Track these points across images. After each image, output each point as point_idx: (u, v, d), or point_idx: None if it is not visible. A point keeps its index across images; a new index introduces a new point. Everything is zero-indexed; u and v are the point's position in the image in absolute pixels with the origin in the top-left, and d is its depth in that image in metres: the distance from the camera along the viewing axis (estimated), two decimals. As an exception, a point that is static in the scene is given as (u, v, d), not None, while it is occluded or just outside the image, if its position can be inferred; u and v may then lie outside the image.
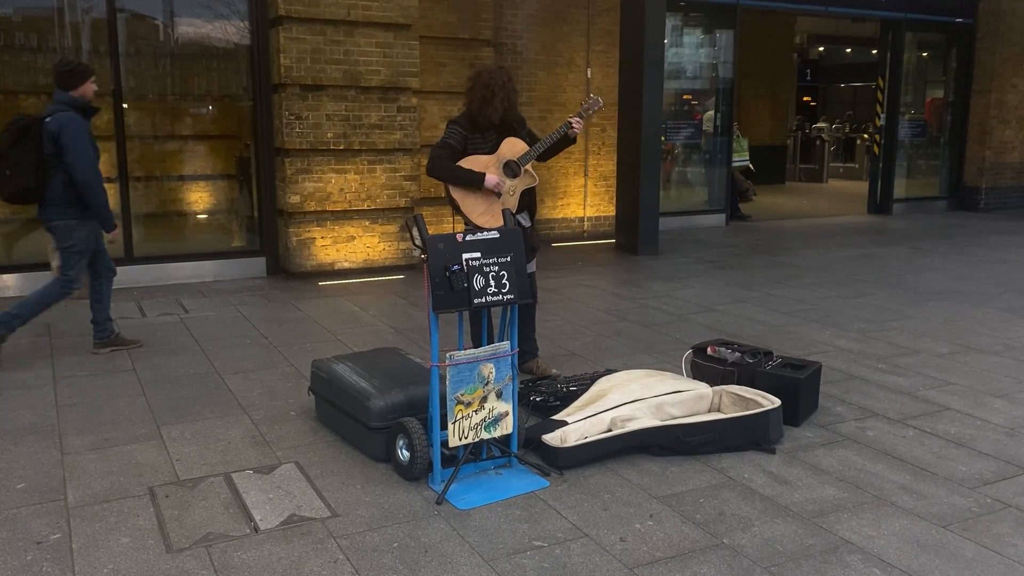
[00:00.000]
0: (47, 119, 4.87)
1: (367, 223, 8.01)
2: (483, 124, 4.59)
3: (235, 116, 8.08)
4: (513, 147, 4.57)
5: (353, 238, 7.97)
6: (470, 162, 4.53)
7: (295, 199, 7.65)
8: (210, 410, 4.36)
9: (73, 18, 7.27)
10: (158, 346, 5.52)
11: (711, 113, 11.82)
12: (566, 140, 4.68)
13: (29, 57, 7.16)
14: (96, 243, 5.22)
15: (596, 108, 4.78)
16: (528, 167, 4.58)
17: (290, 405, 4.44)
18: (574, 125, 4.58)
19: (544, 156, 4.74)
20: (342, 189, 7.83)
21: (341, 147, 7.77)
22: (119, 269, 7.28)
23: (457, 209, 4.56)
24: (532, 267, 4.82)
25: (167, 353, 5.38)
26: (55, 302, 5.16)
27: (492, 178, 4.48)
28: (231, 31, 7.82)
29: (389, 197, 8.06)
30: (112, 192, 7.54)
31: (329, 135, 7.70)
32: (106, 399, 4.51)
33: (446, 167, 4.52)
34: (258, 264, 7.98)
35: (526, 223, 4.71)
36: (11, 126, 4.92)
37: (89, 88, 5.03)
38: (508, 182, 4.55)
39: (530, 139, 4.67)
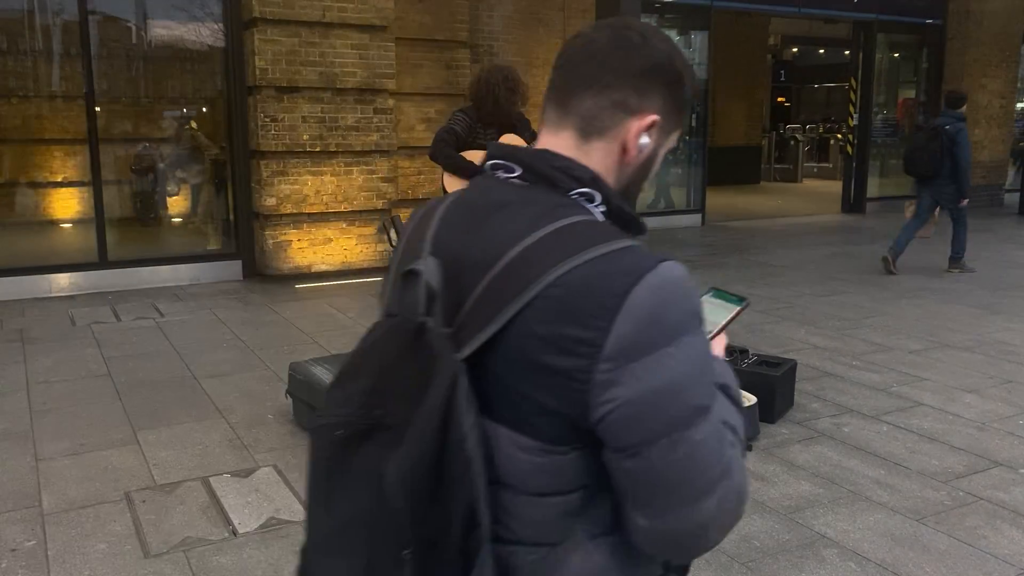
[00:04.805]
0: (946, 127, 7.78)
1: (344, 225, 7.99)
2: (484, 118, 4.58)
3: (210, 118, 8.03)
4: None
5: (330, 240, 7.94)
6: (466, 156, 4.52)
7: (271, 201, 7.61)
8: (187, 414, 4.33)
9: (44, 20, 7.18)
10: (134, 350, 5.48)
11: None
12: None
13: (-1, 60, 7.09)
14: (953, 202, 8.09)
15: None
16: None
17: (268, 408, 4.41)
18: None
19: None
20: (318, 191, 7.80)
21: (317, 149, 7.74)
22: (93, 274, 7.31)
23: None
24: None
25: (143, 357, 5.33)
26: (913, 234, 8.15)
27: None
28: (205, 33, 7.77)
29: (366, 199, 8.04)
30: (86, 195, 7.48)
31: (305, 137, 7.67)
32: (81, 404, 4.46)
33: (448, 153, 4.48)
34: (234, 267, 7.93)
35: None
36: (927, 131, 8.02)
37: (964, 107, 8.02)
38: None
39: (532, 138, 4.65)
